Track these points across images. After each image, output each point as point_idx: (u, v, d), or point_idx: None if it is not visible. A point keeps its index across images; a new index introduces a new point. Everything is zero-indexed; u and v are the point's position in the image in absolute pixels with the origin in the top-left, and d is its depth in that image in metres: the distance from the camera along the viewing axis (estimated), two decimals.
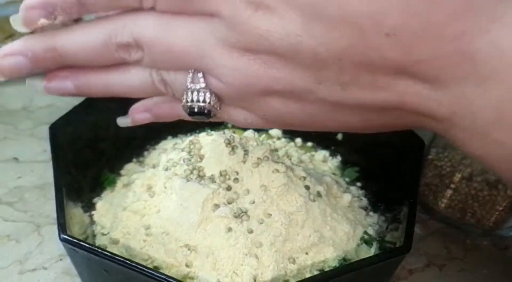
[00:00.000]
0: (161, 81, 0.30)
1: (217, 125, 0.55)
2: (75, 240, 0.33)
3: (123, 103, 0.49)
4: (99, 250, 0.32)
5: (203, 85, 0.28)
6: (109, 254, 0.32)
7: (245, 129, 0.54)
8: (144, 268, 0.31)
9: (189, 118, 0.31)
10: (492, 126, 0.23)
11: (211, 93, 0.29)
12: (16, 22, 0.31)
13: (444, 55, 0.23)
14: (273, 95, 0.28)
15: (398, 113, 0.27)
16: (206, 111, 0.29)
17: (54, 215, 0.35)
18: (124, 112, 0.50)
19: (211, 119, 0.31)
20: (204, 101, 0.29)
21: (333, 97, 0.26)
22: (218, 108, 0.30)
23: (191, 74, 0.28)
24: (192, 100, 0.29)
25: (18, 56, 0.30)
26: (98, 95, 0.32)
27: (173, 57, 0.28)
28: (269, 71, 0.26)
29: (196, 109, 0.29)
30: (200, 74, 0.28)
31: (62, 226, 0.34)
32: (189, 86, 0.29)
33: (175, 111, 0.32)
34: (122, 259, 0.31)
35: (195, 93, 0.29)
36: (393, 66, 0.24)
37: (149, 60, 0.29)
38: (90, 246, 0.32)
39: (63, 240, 0.33)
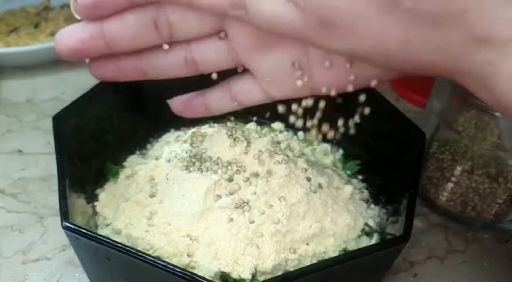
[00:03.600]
0: None
1: (220, 118, 0.55)
2: (77, 228, 0.33)
3: (127, 95, 0.50)
4: (101, 238, 0.32)
5: None
6: (110, 241, 0.32)
7: (247, 121, 0.54)
8: (145, 256, 0.31)
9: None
10: None
11: None
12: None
13: None
14: None
15: (448, 36, 0.25)
16: None
17: (58, 206, 0.36)
18: (128, 104, 0.51)
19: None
20: None
21: None
22: None
23: None
24: None
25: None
26: None
27: None
28: None
29: None
30: None
31: (65, 214, 0.34)
32: None
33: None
34: (123, 246, 0.32)
35: None
36: None
37: None
38: (92, 234, 0.33)
39: (65, 228, 0.33)
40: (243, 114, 0.57)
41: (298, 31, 0.28)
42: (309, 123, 0.39)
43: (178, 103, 0.41)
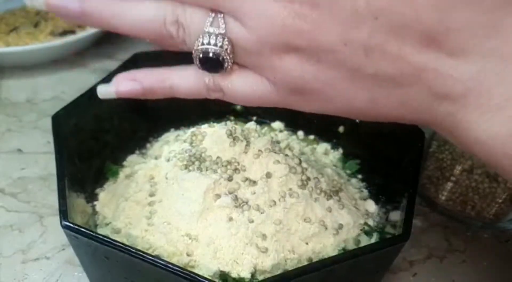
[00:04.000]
0: (174, 23, 0.28)
1: (220, 117, 0.56)
2: (77, 227, 0.33)
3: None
4: (100, 237, 0.32)
5: (222, 30, 0.27)
6: (110, 240, 0.32)
7: (247, 121, 0.54)
8: (145, 255, 0.31)
9: (194, 73, 0.30)
10: (509, 103, 0.24)
11: (228, 42, 0.27)
12: None
13: (476, 26, 0.24)
14: (292, 52, 0.27)
15: (409, 93, 0.26)
16: (220, 58, 0.28)
17: (57, 205, 0.36)
18: (128, 104, 0.51)
19: (216, 83, 0.30)
20: (221, 46, 0.27)
21: (353, 62, 0.26)
22: (230, 62, 0.28)
23: (212, 16, 0.27)
24: (208, 43, 0.27)
25: None
26: (103, 24, 0.29)
27: None
28: (298, 22, 0.25)
29: (210, 54, 0.28)
30: (221, 17, 0.27)
31: (64, 213, 0.34)
32: (206, 30, 0.27)
33: (167, 83, 0.31)
34: (122, 245, 0.32)
35: (212, 37, 0.27)
36: (425, 32, 0.24)
37: None
38: (91, 233, 0.33)
39: (64, 227, 0.33)
40: (243, 114, 0.57)
41: (272, 101, 0.30)
42: None
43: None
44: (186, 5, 0.28)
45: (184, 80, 0.31)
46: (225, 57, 0.28)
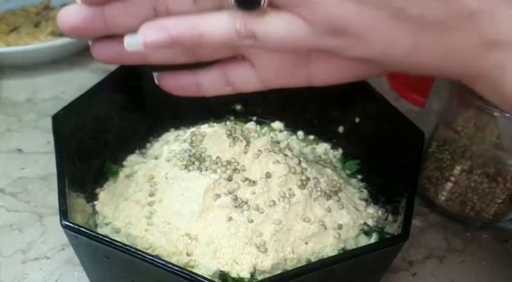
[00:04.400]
0: None
1: (220, 117, 0.56)
2: (76, 226, 0.33)
3: (126, 95, 0.50)
4: (100, 236, 0.32)
5: None
6: (109, 240, 0.32)
7: (246, 121, 0.54)
8: (144, 254, 0.31)
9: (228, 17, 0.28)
10: None
11: None
12: None
13: None
14: None
15: (457, 40, 0.25)
16: None
17: (57, 205, 0.36)
18: (128, 103, 0.51)
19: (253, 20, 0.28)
20: None
21: (398, 0, 0.24)
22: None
23: None
24: None
25: None
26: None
27: None
28: None
29: None
30: None
31: (64, 213, 0.34)
32: None
33: (197, 30, 0.29)
34: (122, 245, 0.32)
35: None
36: None
37: None
38: (91, 232, 0.33)
39: (64, 227, 0.33)
40: (243, 114, 0.57)
41: (309, 43, 0.28)
42: None
43: (167, 79, 0.36)
44: None
45: (214, 27, 0.29)
46: None
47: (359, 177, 0.51)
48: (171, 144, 0.50)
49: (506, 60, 0.24)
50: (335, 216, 0.42)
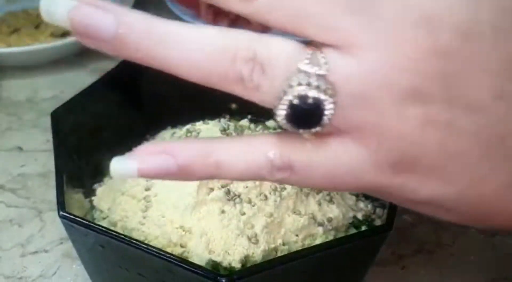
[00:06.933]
0: (249, 60, 0.20)
1: (215, 116, 0.57)
2: (73, 216, 0.34)
3: (124, 93, 0.51)
4: (95, 225, 0.33)
5: (323, 71, 0.19)
6: (104, 228, 0.33)
7: (240, 119, 0.55)
8: (138, 243, 0.32)
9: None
10: None
11: (331, 85, 0.19)
12: None
13: None
14: (418, 103, 0.19)
15: None
16: (320, 106, 0.19)
17: (56, 201, 0.37)
18: (126, 102, 0.53)
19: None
20: (324, 90, 0.19)
21: (500, 128, 0.19)
22: (331, 112, 0.19)
23: (309, 53, 0.19)
24: (305, 84, 0.19)
25: None
26: (140, 53, 0.21)
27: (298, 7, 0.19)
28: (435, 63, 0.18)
29: (309, 100, 0.19)
30: (321, 54, 0.19)
31: (61, 204, 0.35)
32: (302, 68, 0.19)
33: (212, 158, 0.22)
34: (117, 233, 0.33)
35: (312, 78, 0.19)
36: None
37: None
38: (88, 222, 0.34)
39: (62, 217, 0.35)
40: (238, 112, 0.58)
41: (363, 183, 0.21)
42: None
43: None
44: (269, 37, 0.20)
45: (237, 155, 0.22)
46: (326, 105, 0.19)
47: None
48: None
49: None
50: (325, 210, 0.43)
